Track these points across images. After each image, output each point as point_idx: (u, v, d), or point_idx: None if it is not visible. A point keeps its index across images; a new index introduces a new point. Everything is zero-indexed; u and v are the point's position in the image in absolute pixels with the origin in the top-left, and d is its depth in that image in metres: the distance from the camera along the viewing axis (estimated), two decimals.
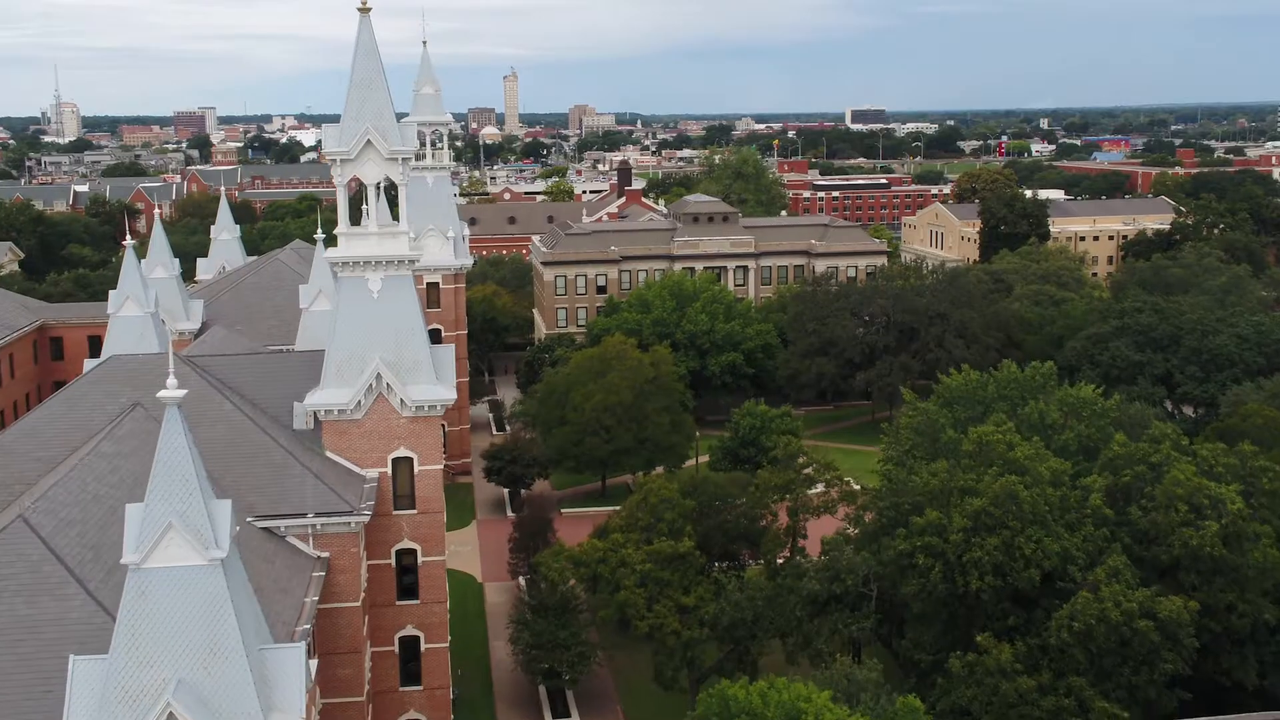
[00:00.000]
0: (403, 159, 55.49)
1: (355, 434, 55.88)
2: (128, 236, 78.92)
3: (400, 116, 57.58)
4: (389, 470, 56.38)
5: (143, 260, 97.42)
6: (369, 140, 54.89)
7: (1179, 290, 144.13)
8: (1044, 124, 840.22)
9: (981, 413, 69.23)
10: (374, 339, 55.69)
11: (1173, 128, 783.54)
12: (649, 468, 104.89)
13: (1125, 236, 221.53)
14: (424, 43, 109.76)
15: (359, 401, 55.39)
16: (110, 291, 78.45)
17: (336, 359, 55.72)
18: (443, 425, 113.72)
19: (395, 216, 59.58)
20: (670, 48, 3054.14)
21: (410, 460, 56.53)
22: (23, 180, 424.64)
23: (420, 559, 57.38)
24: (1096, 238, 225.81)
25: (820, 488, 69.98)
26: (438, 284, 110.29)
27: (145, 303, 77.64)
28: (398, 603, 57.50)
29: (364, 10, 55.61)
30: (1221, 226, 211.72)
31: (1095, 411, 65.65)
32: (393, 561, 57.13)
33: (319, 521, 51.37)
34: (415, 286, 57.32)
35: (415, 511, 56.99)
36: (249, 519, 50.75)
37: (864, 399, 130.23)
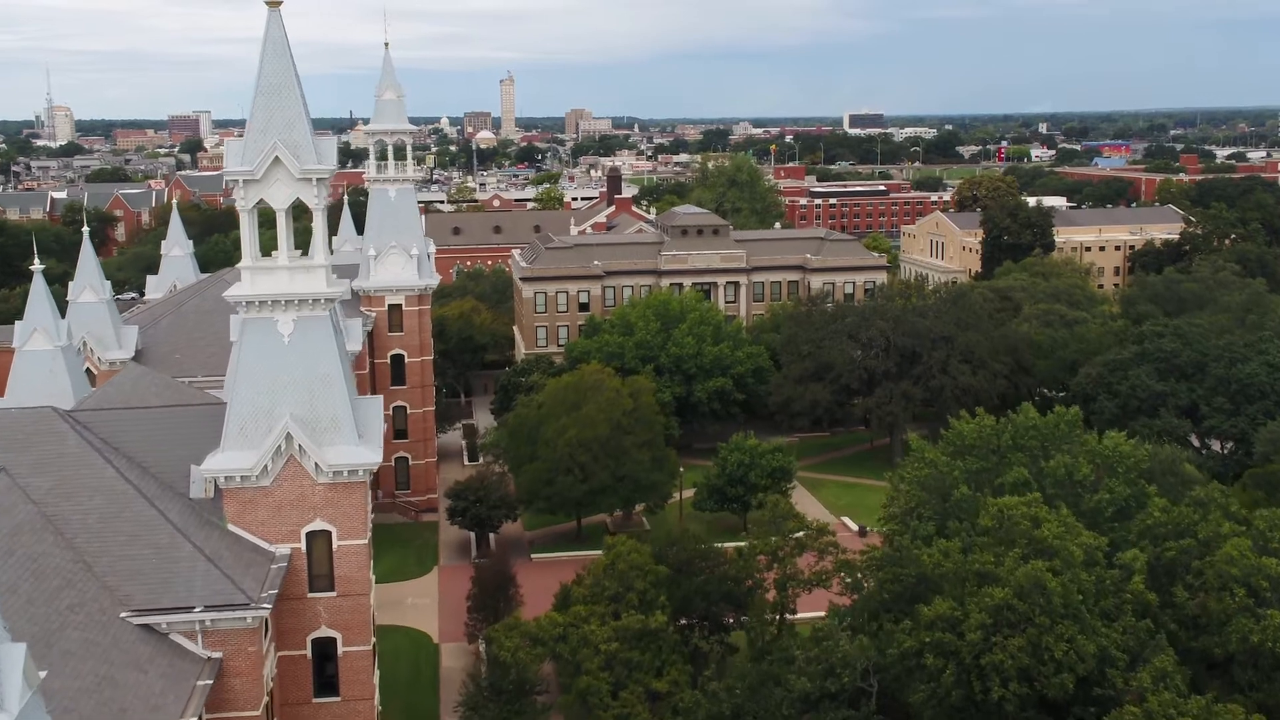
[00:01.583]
0: (318, 180, 47.02)
1: (262, 504, 47.35)
2: (35, 259, 70.01)
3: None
4: (303, 546, 47.85)
5: (70, 283, 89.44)
6: (277, 157, 46.46)
7: (1193, 306, 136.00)
8: (1042, 128, 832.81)
9: (997, 463, 60.81)
10: (284, 392, 47.24)
11: (1172, 132, 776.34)
12: (628, 507, 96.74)
13: (1132, 247, 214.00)
14: (385, 44, 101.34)
15: (265, 466, 46.89)
16: (16, 322, 69.94)
17: (239, 415, 47.23)
18: (407, 459, 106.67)
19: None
20: (669, 51, 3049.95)
21: (328, 534, 47.98)
22: (4, 186, 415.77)
23: (341, 649, 48.81)
24: (1103, 248, 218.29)
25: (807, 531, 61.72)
26: (400, 305, 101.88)
27: (56, 335, 68.98)
28: (315, 700, 48.96)
29: (273, 4, 47.23)
30: (1233, 237, 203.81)
31: (1130, 466, 57.10)
32: (308, 652, 48.59)
33: (208, 617, 42.80)
34: (335, 327, 48.80)
35: (335, 594, 48.45)
36: (123, 614, 42.26)
37: (863, 424, 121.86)
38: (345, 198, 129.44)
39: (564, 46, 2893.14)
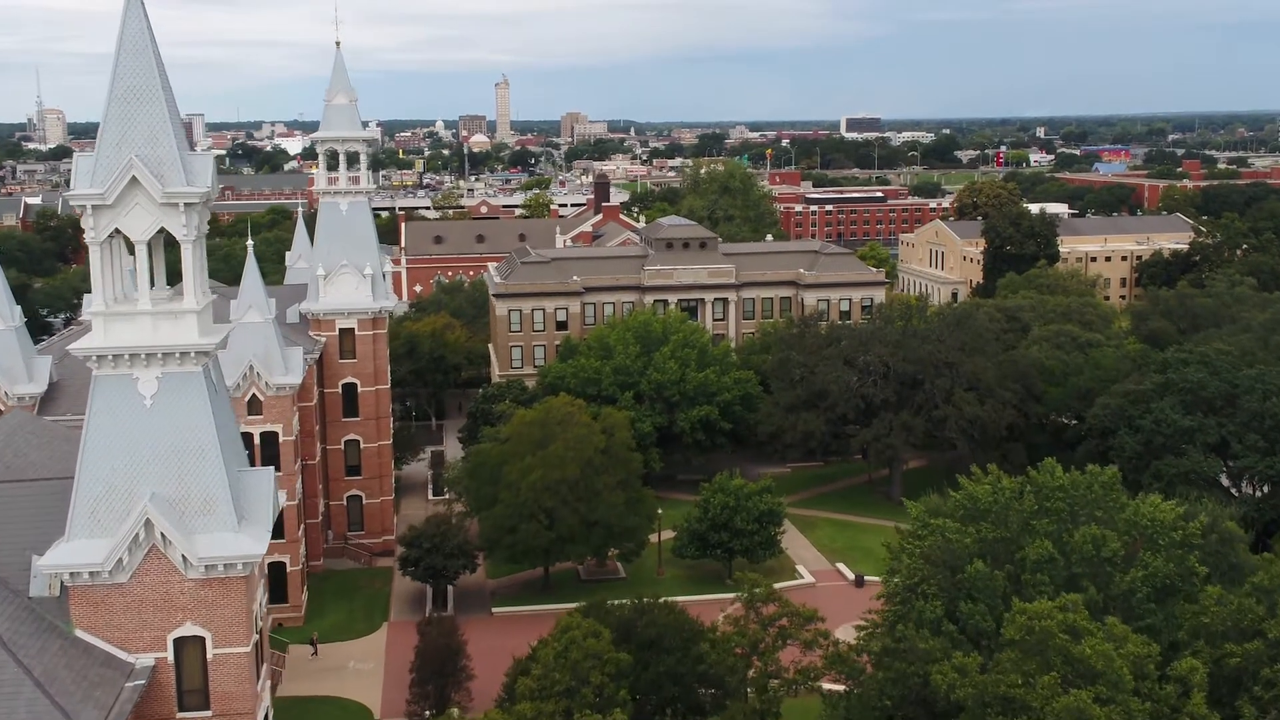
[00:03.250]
0: (187, 205, 38.14)
1: (118, 605, 38.48)
2: None
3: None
4: (170, 656, 38.97)
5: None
6: (134, 178, 37.61)
7: (1208, 323, 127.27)
8: (1040, 132, 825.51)
9: (1018, 532, 51.98)
10: (144, 467, 38.38)
11: (1171, 137, 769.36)
12: (600, 554, 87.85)
13: (1139, 257, 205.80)
14: (337, 44, 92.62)
15: (120, 559, 38.03)
16: None
17: (89, 496, 38.35)
18: (360, 497, 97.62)
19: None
20: (666, 54, 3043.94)
21: (201, 641, 39.10)
22: None
23: None
24: (1109, 258, 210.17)
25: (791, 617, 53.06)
26: (353, 330, 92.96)
27: None
28: None
29: None
30: (1244, 247, 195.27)
31: (1175, 541, 48.28)
32: None
33: None
34: (211, 385, 39.86)
35: (210, 714, 39.53)
36: None
37: (860, 454, 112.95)
38: (301, 211, 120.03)
39: (561, 49, 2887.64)
